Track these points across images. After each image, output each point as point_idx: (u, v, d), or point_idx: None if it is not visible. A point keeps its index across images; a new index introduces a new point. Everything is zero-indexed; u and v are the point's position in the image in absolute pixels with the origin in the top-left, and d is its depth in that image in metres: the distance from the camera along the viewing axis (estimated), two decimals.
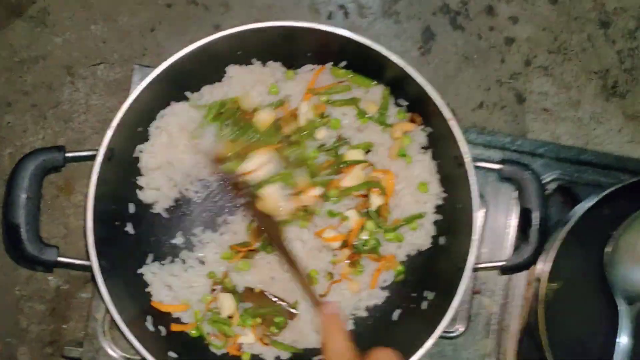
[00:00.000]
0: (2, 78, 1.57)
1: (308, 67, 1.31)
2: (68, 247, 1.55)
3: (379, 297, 1.30)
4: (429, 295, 1.26)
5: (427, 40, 1.67)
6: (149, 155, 1.28)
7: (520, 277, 1.41)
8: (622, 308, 1.29)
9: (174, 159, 1.27)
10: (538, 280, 1.28)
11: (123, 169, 1.26)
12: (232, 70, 1.30)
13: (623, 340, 1.27)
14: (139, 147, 1.29)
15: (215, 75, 1.32)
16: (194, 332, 1.25)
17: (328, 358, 0.89)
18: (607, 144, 1.66)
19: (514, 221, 1.40)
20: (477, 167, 1.16)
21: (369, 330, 1.30)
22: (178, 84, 1.27)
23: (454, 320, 1.39)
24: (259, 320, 1.24)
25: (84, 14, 1.60)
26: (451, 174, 1.23)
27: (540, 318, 1.26)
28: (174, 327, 1.25)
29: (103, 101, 1.59)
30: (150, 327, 1.21)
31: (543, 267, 1.28)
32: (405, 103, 1.31)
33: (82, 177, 1.53)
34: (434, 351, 1.39)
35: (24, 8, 1.59)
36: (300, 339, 1.24)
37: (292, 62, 1.31)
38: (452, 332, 1.39)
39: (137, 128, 1.30)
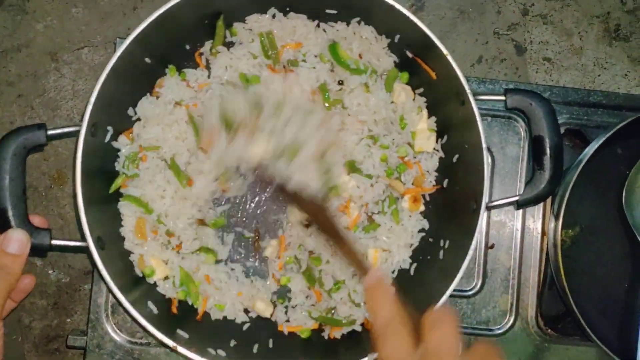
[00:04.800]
0: None
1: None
2: (66, 237, 1.49)
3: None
4: (445, 243, 1.20)
5: None
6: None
7: (535, 229, 1.35)
8: None
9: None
10: (555, 227, 1.22)
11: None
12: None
13: None
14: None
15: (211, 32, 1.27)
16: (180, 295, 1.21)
17: (377, 325, 0.82)
18: (613, 90, 1.60)
19: (524, 169, 1.34)
20: (479, 102, 1.09)
21: None
22: (168, 48, 1.22)
23: (470, 278, 1.33)
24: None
25: None
26: (455, 116, 1.17)
27: (559, 266, 1.20)
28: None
29: (90, 86, 1.54)
30: (154, 309, 1.16)
31: (557, 212, 1.22)
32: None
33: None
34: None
35: None
36: None
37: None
38: (468, 290, 1.33)
39: (127, 107, 1.24)
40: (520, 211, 1.34)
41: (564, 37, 1.64)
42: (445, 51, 1.10)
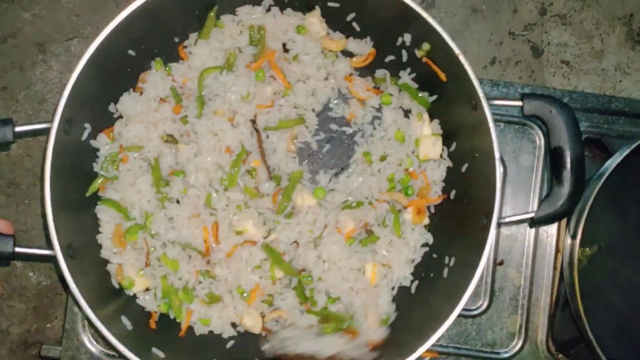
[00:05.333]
0: None
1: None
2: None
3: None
4: (451, 261, 1.10)
5: None
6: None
7: (548, 245, 1.25)
8: None
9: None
10: (571, 245, 1.12)
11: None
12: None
13: None
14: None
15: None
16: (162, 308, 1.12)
17: None
18: (635, 97, 1.49)
19: (538, 181, 1.24)
20: (493, 107, 0.99)
21: None
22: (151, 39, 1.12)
23: (476, 296, 1.23)
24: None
25: None
26: (465, 121, 1.07)
27: (574, 287, 1.10)
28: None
29: None
30: (128, 325, 1.06)
31: (575, 229, 1.12)
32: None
33: None
34: (455, 332, 1.24)
35: None
36: None
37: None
38: (474, 309, 1.23)
39: (108, 103, 1.15)
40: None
41: (583, 39, 1.54)
42: (457, 51, 1.00)
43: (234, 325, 1.15)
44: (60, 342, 1.26)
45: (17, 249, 0.95)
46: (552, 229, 1.25)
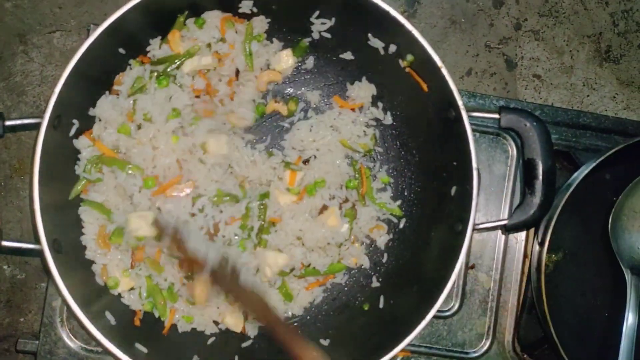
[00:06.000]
0: None
1: None
2: (24, 232, 1.41)
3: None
4: (427, 263, 1.14)
5: (411, 3, 1.56)
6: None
7: (517, 250, 1.31)
8: (629, 279, 1.20)
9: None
10: (539, 251, 1.18)
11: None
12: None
13: (631, 314, 1.18)
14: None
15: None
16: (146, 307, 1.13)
17: None
18: (601, 112, 1.57)
19: (509, 189, 1.30)
20: (471, 118, 1.04)
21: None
22: (134, 41, 1.13)
23: (448, 298, 1.28)
24: None
25: None
26: (444, 132, 1.12)
27: (541, 291, 1.16)
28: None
29: (60, 72, 1.42)
30: (112, 320, 1.07)
31: (543, 236, 1.18)
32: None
33: None
34: (427, 332, 1.29)
35: None
36: None
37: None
38: (446, 310, 1.28)
39: (93, 96, 1.16)
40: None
41: (554, 54, 1.61)
42: (439, 63, 1.05)
43: (215, 322, 1.17)
44: (34, 336, 1.26)
45: (4, 243, 0.95)
46: (521, 235, 1.32)
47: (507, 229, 1.09)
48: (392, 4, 1.51)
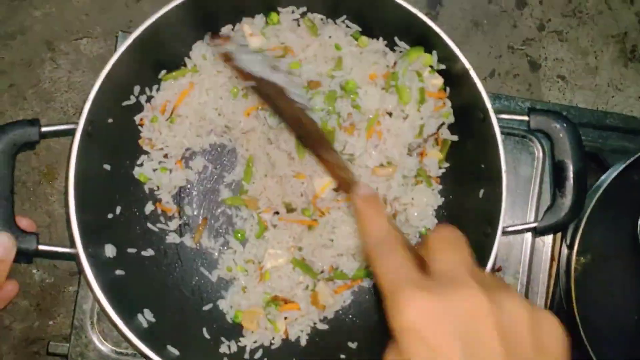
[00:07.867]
0: None
1: None
2: (53, 236, 1.43)
3: None
4: None
5: (433, 4, 1.56)
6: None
7: (544, 253, 1.30)
8: None
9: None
10: (568, 254, 1.17)
11: (110, 146, 1.14)
12: None
13: None
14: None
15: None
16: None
17: (370, 243, 0.70)
18: (627, 113, 1.55)
19: (536, 192, 1.29)
20: (499, 120, 1.04)
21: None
22: (165, 48, 1.15)
23: None
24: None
25: None
26: (473, 133, 1.12)
27: (570, 295, 1.15)
28: None
29: (87, 78, 1.47)
30: (144, 323, 1.09)
31: (572, 239, 1.18)
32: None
33: (66, 161, 1.42)
34: None
35: None
36: None
37: None
38: None
39: (123, 101, 1.18)
40: (530, 233, 1.29)
41: (579, 55, 1.60)
42: (468, 65, 1.05)
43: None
44: (64, 339, 1.28)
45: (41, 247, 0.97)
46: (548, 238, 1.30)
47: (538, 232, 1.08)
48: (414, 5, 1.53)
